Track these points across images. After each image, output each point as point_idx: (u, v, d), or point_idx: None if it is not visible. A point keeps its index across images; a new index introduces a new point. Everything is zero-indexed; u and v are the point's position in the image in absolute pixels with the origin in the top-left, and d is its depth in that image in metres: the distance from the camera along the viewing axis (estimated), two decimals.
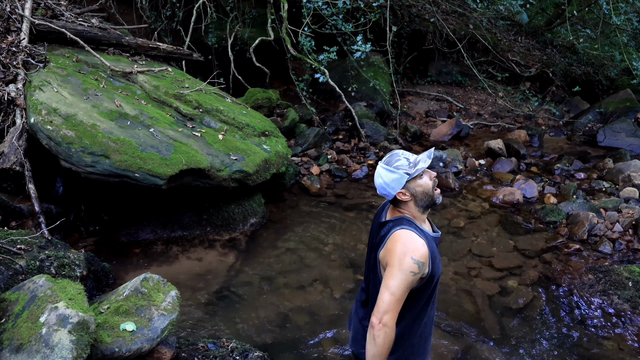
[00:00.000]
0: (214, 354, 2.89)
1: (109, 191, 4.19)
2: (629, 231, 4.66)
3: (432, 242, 2.05)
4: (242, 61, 6.87)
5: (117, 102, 4.24)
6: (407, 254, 1.93)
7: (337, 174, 5.76)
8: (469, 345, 3.30)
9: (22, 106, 4.02)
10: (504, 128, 7.82)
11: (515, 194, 5.31)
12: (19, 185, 3.86)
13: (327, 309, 3.59)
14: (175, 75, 5.27)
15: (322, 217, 4.84)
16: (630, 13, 7.96)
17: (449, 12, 8.72)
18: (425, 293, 2.07)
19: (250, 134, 4.83)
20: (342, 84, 6.95)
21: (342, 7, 6.37)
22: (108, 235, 4.22)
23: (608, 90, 9.15)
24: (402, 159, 2.08)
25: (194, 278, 3.85)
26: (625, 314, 3.62)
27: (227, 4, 6.98)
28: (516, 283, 3.98)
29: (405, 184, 2.04)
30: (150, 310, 2.57)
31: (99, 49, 5.07)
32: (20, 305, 2.35)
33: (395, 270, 1.93)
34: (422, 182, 2.08)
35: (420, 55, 8.79)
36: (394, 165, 2.05)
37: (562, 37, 9.76)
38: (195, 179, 4.08)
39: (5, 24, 4.61)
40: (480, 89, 8.94)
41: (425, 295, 2.08)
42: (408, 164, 2.06)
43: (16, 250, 3.13)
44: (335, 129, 6.89)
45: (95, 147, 3.65)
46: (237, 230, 4.51)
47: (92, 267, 3.51)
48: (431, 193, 2.09)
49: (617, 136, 7.46)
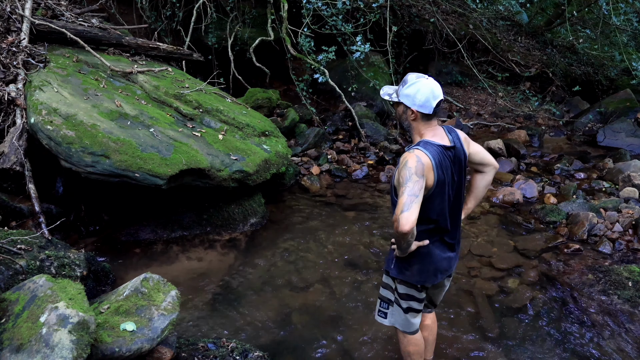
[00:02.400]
0: (214, 354, 2.89)
1: (109, 191, 4.19)
2: (628, 231, 4.66)
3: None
4: (242, 61, 6.87)
5: (117, 102, 4.24)
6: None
7: (337, 174, 5.76)
8: (469, 345, 3.30)
9: (23, 106, 4.02)
10: (504, 128, 7.83)
11: (515, 194, 5.31)
12: (19, 185, 3.86)
13: (327, 309, 3.59)
14: (175, 75, 5.27)
15: (322, 217, 4.84)
16: (630, 13, 7.97)
17: (449, 12, 8.72)
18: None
19: (250, 134, 4.83)
20: (342, 84, 6.95)
21: (342, 8, 6.38)
22: (108, 235, 4.22)
23: (608, 90, 9.15)
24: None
25: (194, 278, 3.85)
26: (625, 314, 3.62)
27: (227, 4, 6.99)
28: (516, 283, 3.98)
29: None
30: (151, 310, 2.57)
31: (99, 49, 5.08)
32: (21, 305, 2.35)
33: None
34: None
35: (420, 55, 8.79)
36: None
37: (562, 37, 9.77)
38: (195, 179, 4.08)
39: (5, 24, 4.61)
40: (480, 89, 8.94)
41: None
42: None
43: (16, 250, 3.13)
44: (335, 129, 6.89)
45: (96, 147, 3.66)
46: (237, 230, 4.51)
47: (92, 267, 3.51)
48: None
49: (617, 136, 7.46)
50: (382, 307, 2.70)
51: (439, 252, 2.50)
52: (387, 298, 2.67)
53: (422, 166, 2.23)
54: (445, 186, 2.37)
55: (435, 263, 2.51)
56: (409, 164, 2.23)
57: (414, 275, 2.52)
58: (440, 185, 2.33)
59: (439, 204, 2.39)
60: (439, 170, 2.31)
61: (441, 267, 2.54)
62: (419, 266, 2.49)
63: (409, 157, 2.26)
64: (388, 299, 2.67)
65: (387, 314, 2.69)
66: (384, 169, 5.93)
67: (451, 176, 2.40)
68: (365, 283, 3.86)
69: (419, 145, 2.32)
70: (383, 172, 5.88)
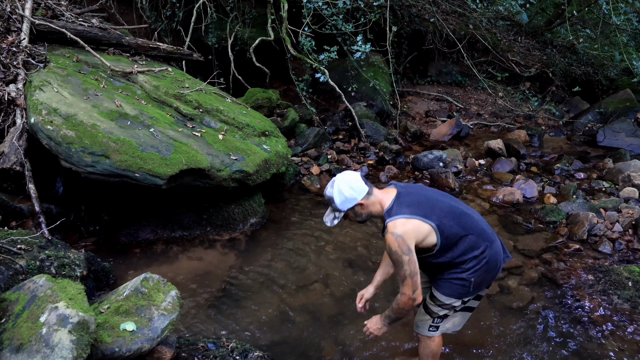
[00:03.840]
0: (214, 353, 2.89)
1: (109, 191, 4.19)
2: (628, 231, 4.66)
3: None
4: (242, 61, 6.87)
5: (117, 102, 4.24)
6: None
7: (337, 173, 5.75)
8: (468, 345, 3.30)
9: (23, 106, 4.02)
10: (504, 128, 7.83)
11: (515, 194, 5.31)
12: (19, 185, 3.86)
13: (327, 309, 3.59)
14: (175, 75, 5.27)
15: (322, 217, 4.83)
16: (630, 13, 7.97)
17: (449, 12, 8.72)
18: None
19: (250, 134, 4.83)
20: (342, 84, 6.95)
21: (342, 7, 6.38)
22: (108, 235, 4.22)
23: (608, 90, 9.15)
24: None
25: (194, 278, 3.85)
26: (625, 314, 3.62)
27: (227, 4, 6.98)
28: (516, 283, 3.98)
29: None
30: (151, 310, 2.57)
31: (99, 49, 5.08)
32: (21, 305, 2.35)
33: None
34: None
35: (420, 55, 8.79)
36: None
37: (562, 37, 9.76)
38: (195, 179, 4.08)
39: (5, 24, 4.61)
40: (480, 89, 8.94)
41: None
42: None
43: (16, 250, 3.13)
44: (335, 129, 6.89)
45: (96, 147, 3.66)
46: (237, 230, 4.51)
47: (92, 267, 3.51)
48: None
49: (617, 136, 7.46)
50: (434, 323, 2.67)
51: (494, 253, 2.53)
52: (443, 315, 2.65)
53: (407, 244, 2.31)
54: (445, 206, 2.47)
55: (497, 260, 2.55)
56: (394, 247, 2.32)
57: (486, 282, 2.57)
58: (439, 213, 2.42)
59: (455, 223, 2.44)
60: (425, 208, 2.41)
61: (501, 257, 2.58)
62: (487, 273, 2.53)
63: (391, 241, 2.33)
64: (444, 315, 2.65)
65: (439, 327, 2.69)
66: (384, 169, 5.93)
67: (436, 197, 2.53)
68: (365, 283, 3.85)
69: (392, 215, 2.39)
70: (383, 172, 5.88)
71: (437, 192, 2.64)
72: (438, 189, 5.52)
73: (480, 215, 2.65)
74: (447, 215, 2.43)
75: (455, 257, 2.46)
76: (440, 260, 2.48)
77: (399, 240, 2.30)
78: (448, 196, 2.63)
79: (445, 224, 2.40)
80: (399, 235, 2.31)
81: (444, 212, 2.43)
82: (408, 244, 2.31)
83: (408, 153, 6.54)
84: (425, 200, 2.45)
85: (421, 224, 2.36)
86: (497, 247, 2.56)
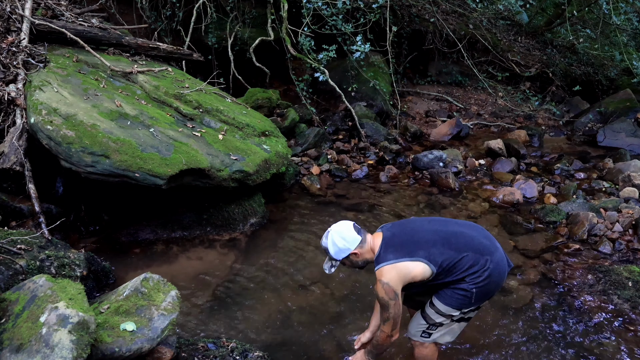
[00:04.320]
0: (214, 354, 2.89)
1: (109, 191, 4.19)
2: (628, 231, 4.66)
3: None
4: (242, 61, 6.87)
5: (117, 102, 4.24)
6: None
7: (337, 174, 5.76)
8: (469, 345, 3.30)
9: (22, 106, 4.02)
10: (504, 128, 7.83)
11: (515, 194, 5.31)
12: (19, 185, 3.86)
13: (327, 309, 3.59)
14: (175, 75, 5.27)
15: (323, 217, 4.83)
16: (630, 13, 7.96)
17: (449, 12, 8.72)
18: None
19: (250, 134, 4.83)
20: (342, 84, 6.95)
21: (342, 7, 6.38)
22: (108, 235, 4.22)
23: (608, 90, 9.14)
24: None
25: (194, 278, 3.85)
26: (625, 314, 3.62)
27: (227, 4, 6.98)
28: (516, 283, 3.98)
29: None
30: (151, 310, 2.57)
31: (99, 49, 5.08)
32: (21, 305, 2.35)
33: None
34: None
35: (420, 55, 8.79)
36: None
37: (562, 37, 9.76)
38: (195, 179, 4.08)
39: (5, 24, 4.61)
40: (480, 89, 8.94)
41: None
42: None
43: (16, 250, 3.13)
44: (335, 129, 6.89)
45: (96, 147, 3.66)
46: (237, 230, 4.51)
47: (92, 267, 3.51)
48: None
49: (617, 136, 7.46)
50: (428, 329, 2.69)
51: (495, 265, 2.54)
52: (439, 323, 2.66)
53: (393, 290, 2.45)
54: (431, 235, 2.54)
55: (500, 271, 2.56)
56: (381, 294, 2.47)
57: (489, 293, 2.60)
58: (426, 245, 2.50)
59: (447, 248, 2.50)
60: (409, 246, 2.49)
61: (504, 268, 2.59)
62: (490, 285, 2.54)
63: (379, 288, 2.47)
64: (439, 323, 2.66)
65: (431, 335, 2.71)
66: (384, 169, 5.93)
67: (422, 227, 2.60)
68: (365, 283, 3.86)
69: (379, 262, 2.50)
70: (383, 172, 5.88)
71: (424, 220, 2.72)
72: (438, 189, 5.57)
73: (477, 227, 2.68)
74: (436, 243, 2.50)
75: (455, 276, 2.51)
76: (441, 281, 2.54)
77: (386, 288, 2.45)
78: (437, 221, 2.71)
79: (435, 253, 2.48)
80: (385, 283, 2.45)
81: (430, 243, 2.50)
82: (394, 290, 2.45)
83: (408, 153, 6.54)
84: (409, 238, 2.54)
85: (408, 264, 2.46)
86: (499, 257, 2.56)
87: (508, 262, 2.65)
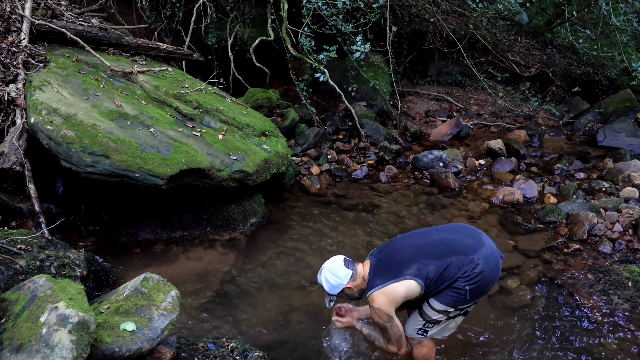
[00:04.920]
0: (214, 354, 2.89)
1: (109, 191, 4.19)
2: (628, 231, 4.66)
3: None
4: (242, 61, 6.87)
5: (117, 102, 4.24)
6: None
7: (337, 174, 5.76)
8: (468, 345, 3.30)
9: (22, 106, 4.02)
10: (504, 128, 7.83)
11: (515, 194, 5.31)
12: (19, 185, 3.86)
13: (327, 309, 3.59)
14: (175, 75, 5.27)
15: (322, 217, 4.84)
16: (630, 13, 7.96)
17: (449, 12, 8.72)
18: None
19: (250, 134, 4.83)
20: (342, 84, 6.95)
21: (342, 7, 6.38)
22: (108, 235, 4.22)
23: (608, 90, 9.14)
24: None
25: (194, 278, 3.85)
26: (625, 314, 3.62)
27: (227, 4, 6.98)
28: (516, 283, 3.98)
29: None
30: (151, 310, 2.57)
31: (99, 49, 5.07)
32: (21, 305, 2.35)
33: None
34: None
35: (420, 55, 8.79)
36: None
37: (562, 37, 9.76)
38: (195, 179, 4.08)
39: (5, 24, 4.61)
40: (480, 89, 8.94)
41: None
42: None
43: (16, 250, 3.13)
44: (335, 129, 6.89)
45: (96, 147, 3.66)
46: (237, 230, 4.51)
47: (92, 267, 3.51)
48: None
49: (617, 136, 7.46)
50: (425, 327, 2.72)
51: (484, 260, 2.55)
52: (436, 320, 2.68)
53: (386, 314, 2.55)
54: (412, 251, 2.61)
55: (490, 265, 2.58)
56: (375, 319, 2.59)
57: (484, 289, 2.61)
58: (409, 263, 2.56)
59: (431, 260, 2.56)
60: (394, 269, 2.56)
61: (494, 262, 2.61)
62: (483, 280, 2.56)
63: (372, 314, 2.59)
64: (436, 320, 2.68)
65: (428, 332, 2.73)
66: (384, 169, 5.93)
67: (405, 245, 2.67)
68: None
69: (369, 289, 2.61)
70: (383, 172, 5.88)
71: (406, 237, 2.78)
72: (438, 189, 5.57)
73: (459, 227, 2.73)
74: (418, 258, 2.56)
75: (447, 282, 2.55)
76: (432, 291, 2.60)
77: (379, 312, 2.57)
78: (416, 234, 2.75)
79: (420, 269, 2.54)
80: (377, 309, 2.56)
81: (413, 259, 2.56)
82: (387, 312, 2.56)
83: (408, 153, 6.54)
84: (393, 260, 2.60)
85: (395, 286, 2.54)
86: (487, 252, 2.58)
87: (499, 253, 2.67)
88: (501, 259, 2.68)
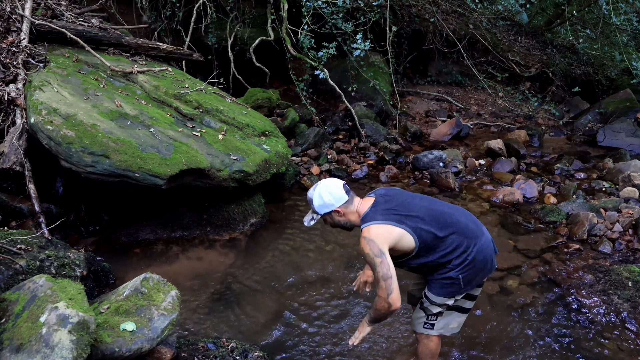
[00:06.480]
0: (214, 354, 2.89)
1: (109, 191, 4.19)
2: (628, 231, 4.66)
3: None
4: (242, 61, 6.87)
5: (117, 102, 4.24)
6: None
7: (337, 174, 5.76)
8: (468, 345, 3.30)
9: (22, 106, 4.02)
10: (504, 128, 7.83)
11: (515, 194, 5.31)
12: (19, 185, 3.86)
13: (327, 309, 3.59)
14: (175, 75, 5.27)
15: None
16: (630, 13, 7.95)
17: (449, 12, 8.72)
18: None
19: (250, 134, 4.83)
20: (342, 84, 6.95)
21: (341, 6, 6.38)
22: (108, 235, 4.22)
23: (608, 90, 9.14)
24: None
25: (194, 278, 3.85)
26: (625, 314, 3.62)
27: (227, 4, 6.98)
28: (516, 283, 3.98)
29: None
30: (151, 310, 2.57)
31: (99, 49, 5.08)
32: (21, 305, 2.35)
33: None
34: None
35: (420, 55, 8.79)
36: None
37: (562, 37, 9.76)
38: (195, 179, 4.08)
39: (5, 24, 4.61)
40: (480, 89, 8.94)
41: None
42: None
43: (16, 250, 3.13)
44: (335, 129, 6.89)
45: (96, 147, 3.66)
46: (237, 230, 4.51)
47: (92, 267, 3.51)
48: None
49: (617, 136, 7.46)
50: (429, 320, 2.71)
51: (480, 248, 2.54)
52: (437, 312, 2.68)
53: (378, 247, 2.39)
54: (421, 209, 2.52)
55: (484, 256, 2.56)
56: (365, 250, 2.41)
57: (477, 279, 2.59)
58: (415, 218, 2.48)
59: (434, 225, 2.49)
60: (399, 214, 2.47)
61: (489, 253, 2.60)
62: (476, 269, 2.55)
63: (363, 244, 2.42)
64: (438, 313, 2.68)
65: (434, 325, 2.72)
66: (384, 169, 5.93)
67: (413, 201, 2.58)
68: None
69: (366, 221, 2.48)
70: (383, 172, 5.88)
71: (416, 196, 2.69)
72: (438, 188, 5.57)
73: (465, 212, 2.69)
74: (424, 217, 2.50)
75: (439, 258, 2.52)
76: (422, 261, 2.54)
77: (370, 244, 2.40)
78: (427, 199, 2.68)
79: (422, 227, 2.47)
80: (370, 239, 2.41)
81: (420, 216, 2.50)
82: (379, 247, 2.39)
83: (408, 153, 6.54)
84: (400, 206, 2.52)
85: (394, 228, 2.45)
86: (484, 242, 2.58)
87: (495, 248, 2.67)
88: (495, 253, 2.69)
